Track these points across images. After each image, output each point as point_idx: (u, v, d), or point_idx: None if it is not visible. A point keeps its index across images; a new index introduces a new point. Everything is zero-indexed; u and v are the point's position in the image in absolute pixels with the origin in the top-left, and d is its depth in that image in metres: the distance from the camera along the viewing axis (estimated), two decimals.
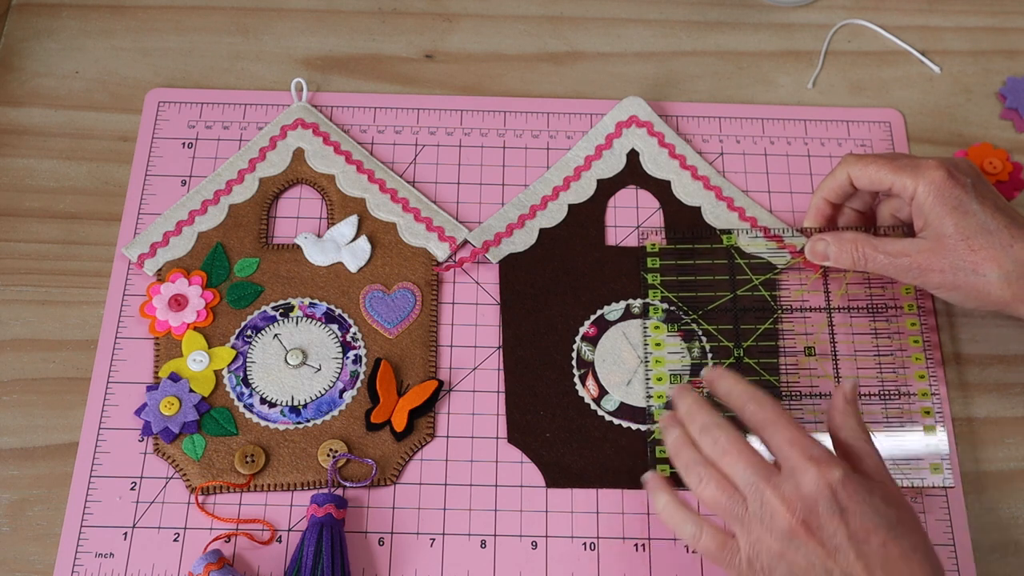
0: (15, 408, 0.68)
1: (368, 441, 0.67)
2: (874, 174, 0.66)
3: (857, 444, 0.58)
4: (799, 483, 0.54)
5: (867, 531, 0.53)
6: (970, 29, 0.84)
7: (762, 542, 0.55)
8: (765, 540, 0.54)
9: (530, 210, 0.74)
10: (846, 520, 0.53)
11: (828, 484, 0.54)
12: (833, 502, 0.53)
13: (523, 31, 0.83)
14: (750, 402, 0.58)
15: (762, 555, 0.55)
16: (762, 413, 0.57)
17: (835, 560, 0.53)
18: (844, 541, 0.53)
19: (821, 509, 0.53)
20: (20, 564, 0.64)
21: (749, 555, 0.55)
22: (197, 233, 0.72)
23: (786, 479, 0.55)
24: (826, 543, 0.53)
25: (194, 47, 0.81)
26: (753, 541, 0.55)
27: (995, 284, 0.62)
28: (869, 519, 0.53)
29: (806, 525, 0.53)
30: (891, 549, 0.53)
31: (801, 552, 0.53)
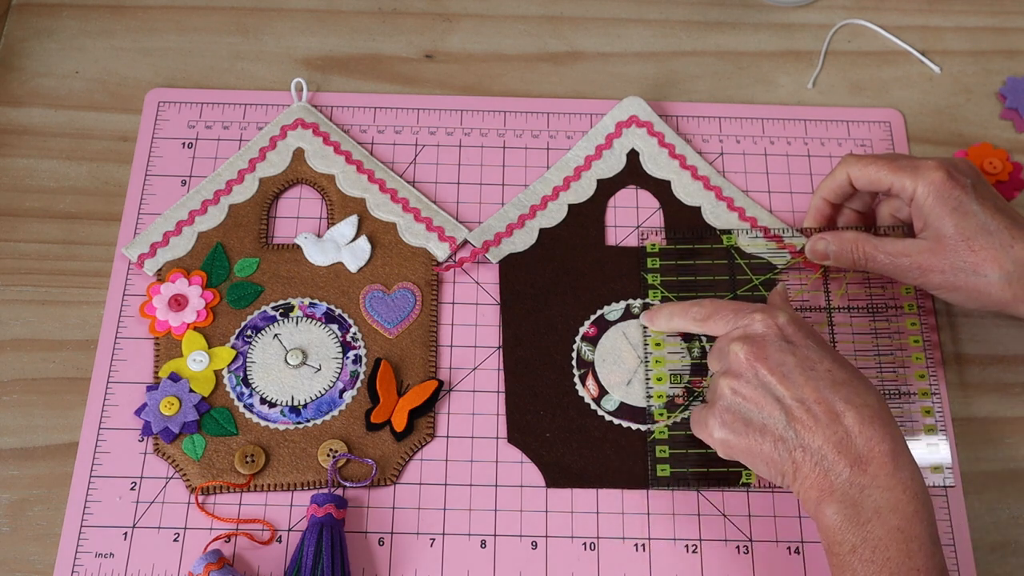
0: (15, 408, 0.68)
1: (368, 441, 0.67)
2: (874, 175, 0.66)
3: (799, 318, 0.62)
4: (749, 328, 0.60)
5: (812, 360, 0.58)
6: (970, 29, 0.84)
7: (727, 386, 0.60)
8: (729, 384, 0.59)
9: (530, 210, 0.74)
10: (793, 351, 0.59)
11: (775, 323, 0.60)
12: (780, 337, 0.59)
13: (523, 31, 0.83)
14: (690, 308, 0.65)
15: (726, 397, 0.60)
16: (703, 310, 0.64)
17: (786, 385, 0.57)
18: (793, 368, 0.58)
19: (770, 343, 0.59)
20: (20, 564, 0.64)
21: (720, 405, 0.60)
22: (197, 233, 0.72)
23: (738, 329, 0.61)
24: (774, 369, 0.58)
25: (194, 47, 0.81)
26: (723, 388, 0.60)
27: (996, 285, 0.62)
28: (814, 351, 0.59)
29: (759, 358, 0.59)
30: (837, 374, 0.58)
31: (752, 383, 0.58)
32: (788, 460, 0.57)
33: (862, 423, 0.56)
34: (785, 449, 0.57)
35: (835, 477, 0.55)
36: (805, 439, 0.56)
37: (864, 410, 0.56)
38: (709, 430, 0.60)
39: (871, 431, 0.56)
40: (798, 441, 0.57)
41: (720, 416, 0.59)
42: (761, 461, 0.58)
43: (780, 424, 0.57)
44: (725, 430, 0.59)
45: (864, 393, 0.57)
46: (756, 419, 0.58)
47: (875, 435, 0.55)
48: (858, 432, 0.56)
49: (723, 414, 0.59)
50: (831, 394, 0.57)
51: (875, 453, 0.55)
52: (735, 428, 0.59)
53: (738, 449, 0.59)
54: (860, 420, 0.56)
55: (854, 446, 0.55)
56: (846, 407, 0.56)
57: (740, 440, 0.59)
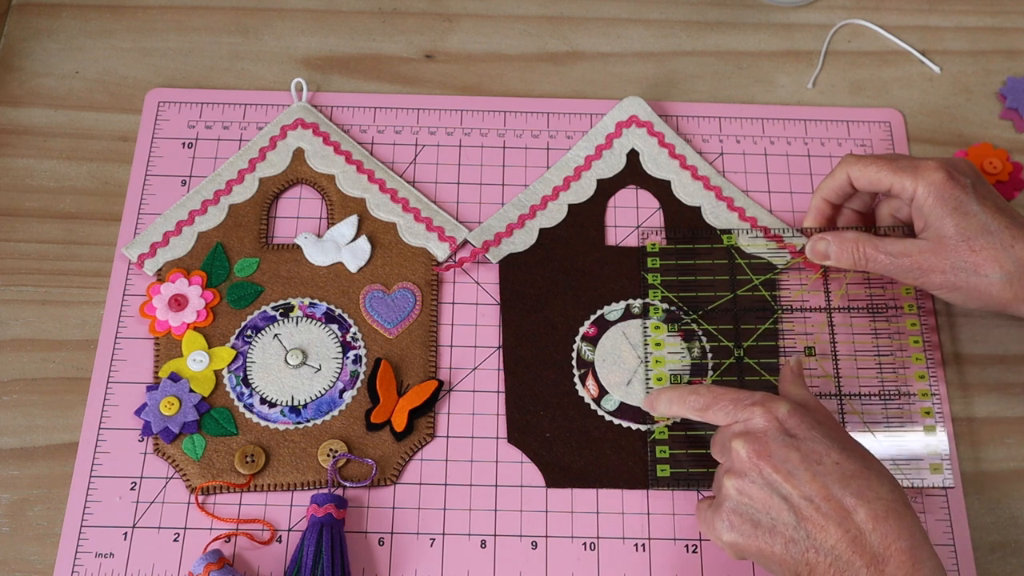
0: (15, 408, 0.68)
1: (368, 441, 0.67)
2: (874, 175, 0.66)
3: (807, 401, 0.60)
4: (750, 423, 0.57)
5: (819, 454, 0.55)
6: (970, 29, 0.84)
7: (732, 486, 0.57)
8: (734, 484, 0.57)
9: (530, 210, 0.74)
10: (797, 446, 0.56)
11: (775, 417, 0.57)
12: (782, 432, 0.56)
13: (523, 31, 0.83)
14: (688, 396, 0.61)
15: (732, 498, 0.57)
16: (701, 399, 0.61)
17: (792, 484, 0.55)
18: (797, 464, 0.55)
19: (771, 440, 0.56)
20: (20, 564, 0.64)
21: (727, 506, 0.57)
22: (197, 233, 0.72)
23: (739, 424, 0.58)
24: (779, 468, 0.55)
25: (194, 47, 0.81)
26: (728, 488, 0.57)
27: (996, 284, 0.62)
28: (819, 443, 0.56)
29: (758, 453, 0.56)
30: (845, 467, 0.55)
31: (758, 483, 0.56)
32: (802, 562, 0.54)
33: (876, 519, 0.53)
34: (797, 550, 0.54)
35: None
36: (817, 539, 0.53)
37: (877, 504, 0.53)
38: (717, 533, 0.57)
39: (886, 527, 0.53)
40: (810, 542, 0.54)
41: (727, 518, 0.56)
42: (774, 563, 0.55)
43: (790, 525, 0.54)
44: (734, 533, 0.56)
45: (876, 485, 0.54)
46: (764, 521, 0.55)
47: (891, 531, 0.52)
48: (872, 528, 0.53)
49: (730, 516, 0.56)
50: (840, 489, 0.54)
51: (892, 551, 0.52)
52: (743, 531, 0.56)
53: (749, 551, 0.56)
54: (874, 516, 0.53)
55: (869, 544, 0.52)
56: (857, 503, 0.53)
57: (750, 542, 0.55)
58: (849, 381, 0.69)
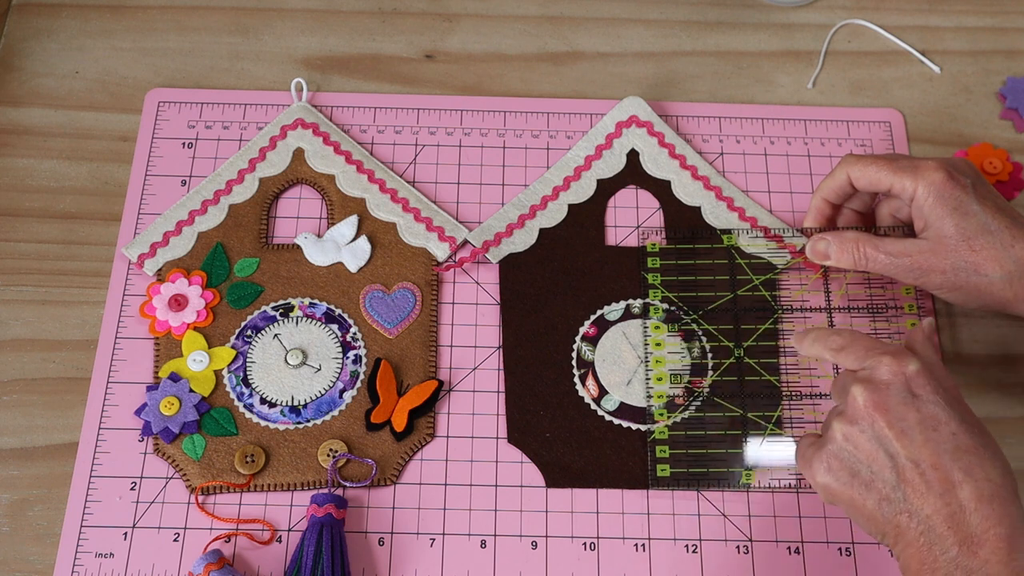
0: (15, 408, 0.68)
1: (368, 441, 0.67)
2: (874, 175, 0.66)
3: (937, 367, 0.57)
4: (875, 372, 0.56)
5: (937, 419, 0.53)
6: (970, 29, 0.84)
7: (839, 430, 0.55)
8: (843, 429, 0.55)
9: (530, 210, 0.74)
10: (916, 407, 0.54)
11: (902, 372, 0.55)
12: (906, 389, 0.54)
13: (523, 31, 0.83)
14: (830, 335, 0.60)
15: (836, 441, 0.55)
16: (841, 339, 0.59)
17: (902, 442, 0.53)
18: (914, 425, 0.53)
19: (893, 394, 0.54)
20: (20, 564, 0.64)
21: (829, 449, 0.56)
22: (197, 233, 0.72)
23: (864, 371, 0.56)
24: (893, 423, 0.53)
25: (194, 47, 0.81)
26: (835, 431, 0.56)
27: (997, 284, 0.62)
28: (941, 409, 0.54)
29: (875, 404, 0.54)
30: (961, 439, 0.53)
31: (867, 434, 0.54)
32: (892, 523, 0.53)
33: (980, 499, 0.51)
34: (890, 511, 0.53)
35: (941, 552, 0.51)
36: (914, 504, 0.52)
37: (985, 485, 0.51)
38: (813, 472, 0.56)
39: (988, 509, 0.51)
40: (905, 505, 0.52)
41: (827, 460, 0.56)
42: (863, 517, 0.55)
43: (889, 483, 0.53)
44: (830, 476, 0.55)
45: (989, 466, 0.52)
46: (864, 472, 0.54)
47: (993, 515, 0.50)
48: (974, 508, 0.51)
49: (830, 459, 0.55)
50: (950, 461, 0.52)
51: (990, 536, 0.50)
52: (839, 476, 0.55)
53: (840, 498, 0.55)
54: (978, 496, 0.51)
55: (967, 523, 0.51)
56: (965, 478, 0.51)
57: (844, 490, 0.55)
58: None
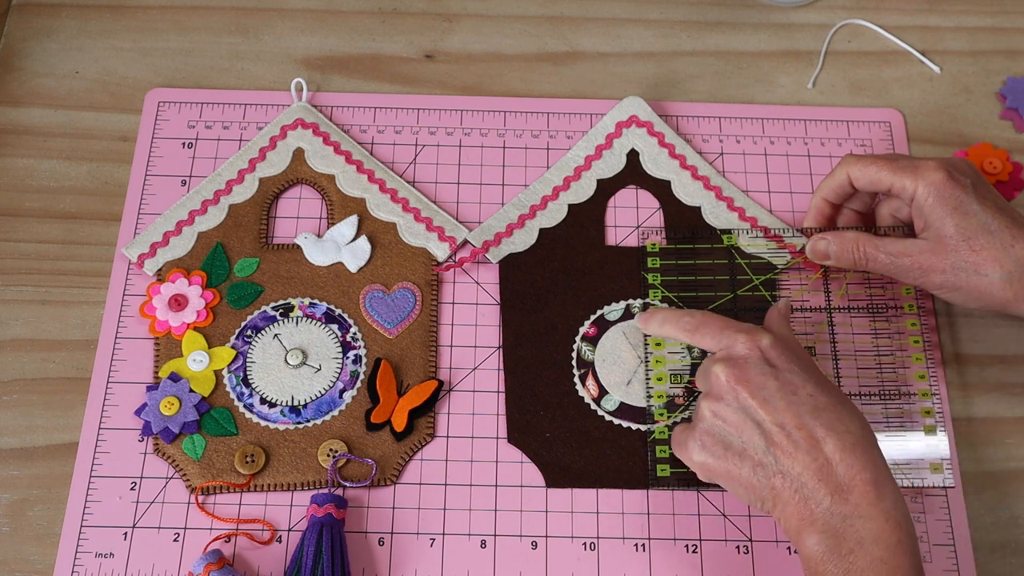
0: (15, 408, 0.68)
1: (368, 441, 0.67)
2: (874, 175, 0.66)
3: (789, 340, 0.61)
4: (732, 350, 0.59)
5: (794, 385, 0.57)
6: (970, 29, 0.84)
7: (707, 408, 0.59)
8: (710, 406, 0.59)
9: (530, 210, 0.74)
10: (775, 375, 0.57)
11: (757, 346, 0.59)
12: (762, 361, 0.58)
13: (523, 31, 0.83)
14: (682, 317, 0.63)
15: (706, 419, 0.59)
16: (692, 320, 0.62)
17: (766, 410, 0.56)
18: (774, 392, 0.57)
19: (751, 367, 0.58)
20: (20, 564, 0.64)
21: (701, 427, 0.59)
22: (197, 233, 0.72)
23: (722, 351, 0.60)
24: (755, 393, 0.57)
25: (194, 47, 0.81)
26: (704, 410, 0.59)
27: (997, 284, 0.62)
28: (796, 375, 0.57)
29: (737, 378, 0.58)
30: (819, 399, 0.56)
31: (732, 407, 0.57)
32: (767, 486, 0.56)
33: (843, 450, 0.54)
34: (764, 475, 0.56)
35: (816, 505, 0.54)
36: (785, 465, 0.55)
37: (846, 437, 0.55)
38: (689, 452, 0.59)
39: (852, 459, 0.54)
40: (777, 467, 0.56)
41: (700, 439, 0.59)
42: (740, 486, 0.57)
43: (760, 449, 0.56)
44: (705, 453, 0.58)
45: (847, 420, 0.56)
46: (736, 443, 0.57)
47: (856, 463, 0.54)
48: (839, 460, 0.54)
49: (703, 437, 0.58)
50: (812, 420, 0.55)
51: (856, 482, 0.54)
52: (714, 452, 0.58)
53: (717, 473, 0.58)
54: (841, 447, 0.54)
55: (835, 474, 0.54)
56: (827, 433, 0.55)
57: (719, 464, 0.58)
58: (849, 381, 0.69)
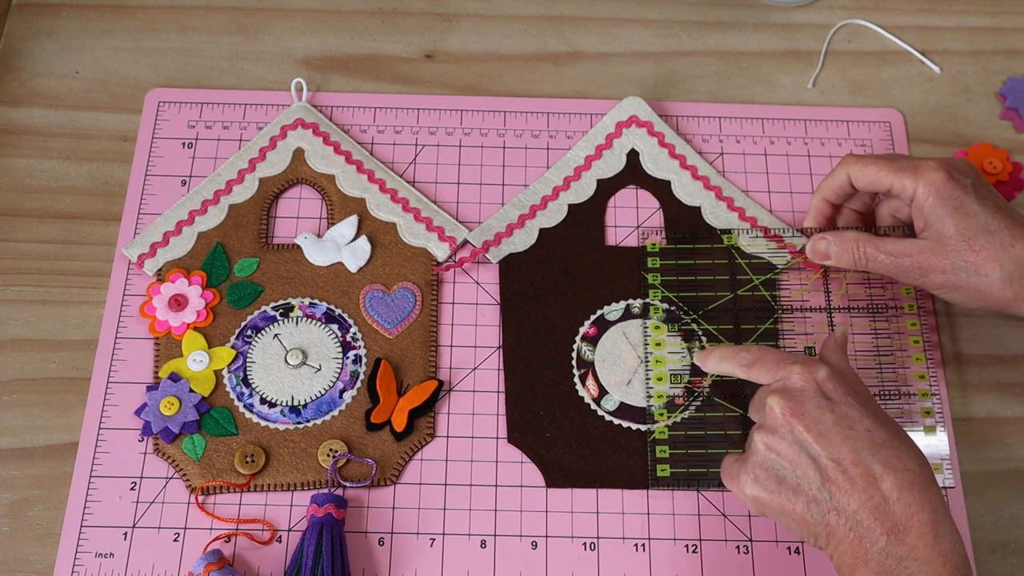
0: (15, 408, 0.68)
1: (368, 441, 0.67)
2: (874, 175, 0.66)
3: (847, 371, 0.60)
4: (788, 382, 0.58)
5: (852, 419, 0.56)
6: (970, 29, 0.84)
7: (761, 441, 0.57)
8: (764, 439, 0.57)
9: (530, 210, 0.74)
10: (832, 408, 0.56)
11: (814, 378, 0.57)
12: (819, 393, 0.57)
13: (523, 31, 0.83)
14: (738, 352, 0.62)
15: (760, 452, 0.57)
16: (749, 355, 0.61)
17: (822, 444, 0.55)
18: (830, 426, 0.55)
19: (807, 399, 0.57)
20: (20, 564, 0.64)
21: (754, 460, 0.58)
22: (197, 233, 0.72)
23: (778, 383, 0.59)
24: (811, 427, 0.56)
25: (194, 47, 0.81)
26: (757, 443, 0.58)
27: (997, 284, 0.62)
28: (854, 409, 0.56)
29: (792, 411, 0.56)
30: (877, 434, 0.55)
31: (787, 440, 0.56)
32: (822, 523, 0.55)
33: (901, 489, 0.53)
34: (819, 511, 0.55)
35: (871, 544, 0.53)
36: (840, 502, 0.54)
37: (904, 475, 0.53)
38: (741, 485, 0.58)
39: (910, 498, 0.53)
40: (832, 504, 0.54)
41: (753, 472, 0.57)
42: (794, 521, 0.56)
43: (814, 485, 0.55)
44: (757, 487, 0.57)
45: (905, 457, 0.54)
46: (790, 477, 0.56)
47: (914, 502, 0.53)
48: (896, 498, 0.53)
49: (756, 470, 0.57)
50: (869, 456, 0.54)
51: (914, 522, 0.52)
52: (767, 485, 0.57)
53: (770, 507, 0.57)
54: (899, 486, 0.53)
55: (892, 513, 0.53)
56: (884, 471, 0.54)
57: (772, 498, 0.56)
58: None
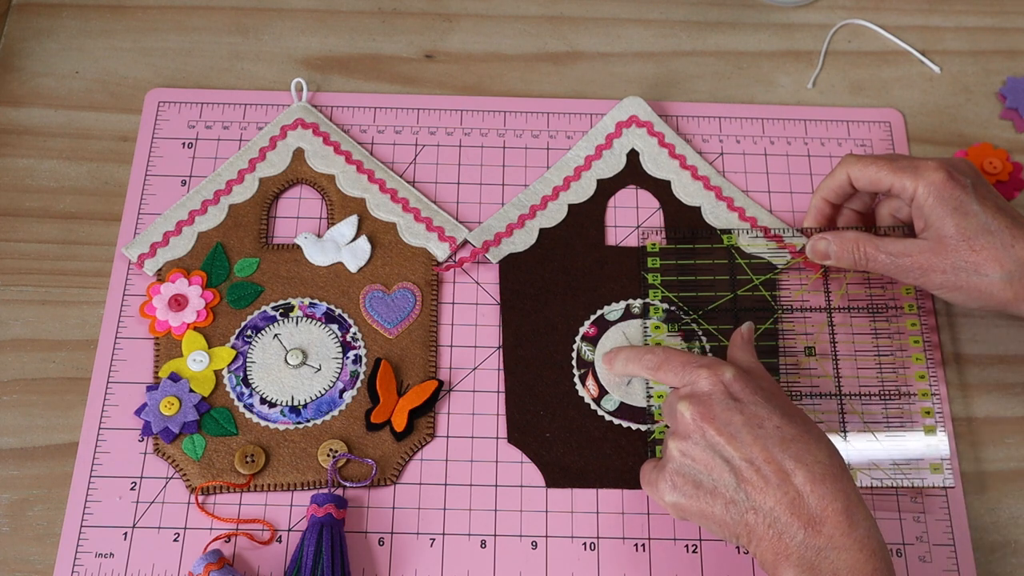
0: (15, 408, 0.68)
1: (368, 441, 0.67)
2: (874, 175, 0.66)
3: (753, 367, 0.61)
4: (696, 386, 0.59)
5: (760, 417, 0.57)
6: (970, 29, 0.84)
7: (675, 448, 0.58)
8: (678, 445, 0.58)
9: (530, 210, 0.74)
10: (740, 409, 0.57)
11: (720, 381, 0.58)
12: (727, 396, 0.58)
13: (523, 31, 0.83)
14: (644, 355, 0.63)
15: (675, 459, 0.58)
16: (655, 358, 0.62)
17: (734, 446, 0.56)
18: (740, 427, 0.56)
19: (716, 403, 0.58)
20: (20, 564, 0.64)
21: (670, 467, 0.59)
22: (197, 233, 0.72)
23: (686, 387, 0.60)
24: (722, 430, 0.56)
25: (194, 47, 0.81)
26: (672, 450, 0.59)
27: (997, 284, 0.62)
28: (762, 407, 0.57)
29: (702, 415, 0.57)
30: (786, 431, 0.56)
31: (700, 445, 0.57)
32: (741, 523, 0.56)
33: (813, 482, 0.54)
34: (737, 512, 0.56)
35: (790, 539, 0.54)
36: (756, 501, 0.55)
37: (815, 468, 0.55)
38: (660, 492, 0.59)
39: (823, 489, 0.54)
40: (749, 503, 0.55)
41: (670, 479, 0.58)
42: (714, 524, 0.57)
43: (730, 486, 0.56)
44: (676, 493, 0.58)
45: (815, 449, 0.55)
46: (706, 481, 0.57)
47: (827, 493, 0.54)
48: (810, 491, 0.54)
49: (673, 476, 0.58)
50: (780, 452, 0.55)
51: (828, 512, 0.54)
52: (685, 491, 0.57)
53: (690, 512, 0.58)
54: (811, 479, 0.54)
55: (807, 506, 0.54)
56: (796, 466, 0.55)
57: (691, 503, 0.57)
58: (849, 381, 0.69)
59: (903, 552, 0.65)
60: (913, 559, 0.64)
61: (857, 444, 0.66)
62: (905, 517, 0.66)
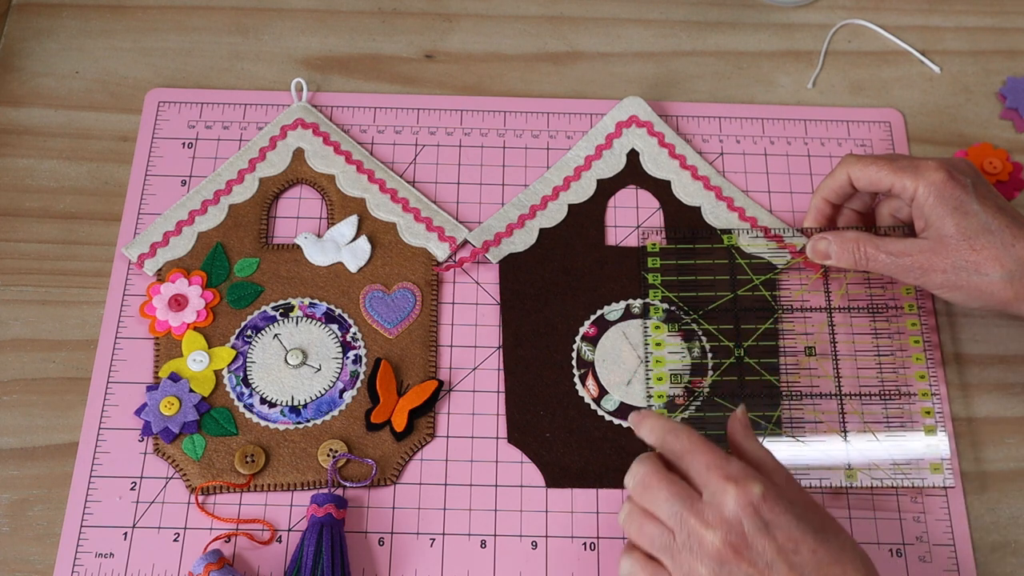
0: (15, 408, 0.68)
1: (368, 441, 0.67)
2: (874, 175, 0.66)
3: (765, 460, 0.56)
4: (721, 505, 0.53)
5: (795, 541, 0.52)
6: (970, 29, 0.84)
7: (694, 571, 0.53)
8: (696, 569, 0.53)
9: (530, 210, 0.74)
10: (772, 535, 0.52)
11: (749, 502, 0.53)
12: (757, 519, 0.52)
13: (523, 31, 0.83)
14: (667, 434, 0.57)
15: None
16: (679, 443, 0.56)
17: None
18: (774, 556, 0.52)
19: (747, 529, 0.52)
20: (20, 564, 0.64)
21: None
22: (197, 233, 0.72)
23: (708, 503, 0.53)
24: (756, 562, 0.52)
25: (194, 47, 0.81)
26: (685, 572, 0.53)
27: (997, 284, 0.62)
28: (795, 529, 0.52)
29: (734, 547, 0.52)
30: (821, 555, 0.52)
31: None
32: None
33: None
34: None
35: None
36: None
37: None
38: None
39: None
40: None
41: None
42: None
43: None
44: None
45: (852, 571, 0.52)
46: None
47: None
48: None
49: None
50: None
51: None
52: None
53: None
54: None
55: None
56: None
57: None
58: (849, 381, 0.69)
59: (903, 552, 0.65)
60: (913, 559, 0.64)
61: (857, 444, 0.66)
62: (905, 517, 0.66)
